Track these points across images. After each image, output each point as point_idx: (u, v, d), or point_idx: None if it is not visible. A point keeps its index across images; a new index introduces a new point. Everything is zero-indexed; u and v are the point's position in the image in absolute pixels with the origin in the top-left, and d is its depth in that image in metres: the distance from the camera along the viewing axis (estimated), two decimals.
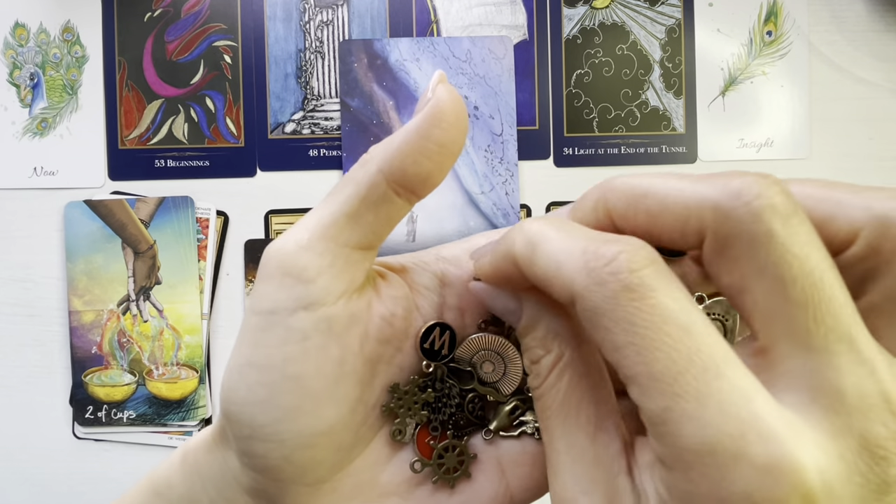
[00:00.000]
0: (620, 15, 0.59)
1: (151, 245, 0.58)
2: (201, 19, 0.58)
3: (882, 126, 0.59)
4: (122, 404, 0.57)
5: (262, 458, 0.22)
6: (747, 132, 0.59)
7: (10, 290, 0.58)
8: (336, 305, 0.21)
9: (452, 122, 0.21)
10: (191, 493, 0.24)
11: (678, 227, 0.17)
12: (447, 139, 0.21)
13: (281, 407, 0.21)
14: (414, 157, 0.21)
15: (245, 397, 0.21)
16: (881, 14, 0.59)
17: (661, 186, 0.17)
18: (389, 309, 0.23)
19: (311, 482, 0.22)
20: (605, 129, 0.59)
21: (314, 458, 0.22)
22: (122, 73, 0.58)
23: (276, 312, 0.21)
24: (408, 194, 0.21)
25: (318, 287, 0.21)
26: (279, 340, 0.21)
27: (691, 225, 0.16)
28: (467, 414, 0.25)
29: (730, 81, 0.59)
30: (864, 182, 0.61)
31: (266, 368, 0.21)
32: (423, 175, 0.21)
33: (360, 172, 0.21)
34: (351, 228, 0.21)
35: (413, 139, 0.21)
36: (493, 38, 0.58)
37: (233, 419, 0.22)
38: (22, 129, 0.58)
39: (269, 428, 0.21)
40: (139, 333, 0.58)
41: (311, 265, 0.21)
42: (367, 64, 0.58)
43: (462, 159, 0.58)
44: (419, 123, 0.21)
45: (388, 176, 0.21)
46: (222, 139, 0.58)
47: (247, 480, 0.23)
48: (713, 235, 0.16)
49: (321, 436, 0.22)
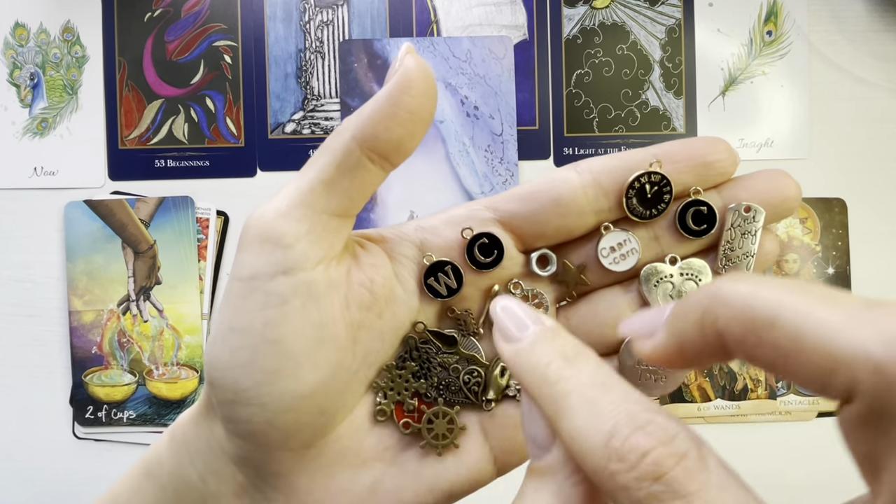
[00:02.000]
0: (620, 15, 0.59)
1: (151, 245, 0.58)
2: (201, 19, 0.58)
3: (882, 126, 0.59)
4: (122, 404, 0.57)
5: (246, 423, 0.22)
6: (747, 132, 0.59)
7: (10, 290, 0.58)
8: (315, 270, 0.22)
9: (422, 90, 0.21)
10: (179, 469, 0.24)
11: (818, 377, 0.13)
12: (417, 106, 0.21)
13: (262, 370, 0.21)
14: (385, 124, 0.21)
15: (228, 362, 0.22)
16: (881, 14, 0.59)
17: (798, 316, 0.13)
18: (369, 276, 0.23)
19: (295, 447, 0.23)
20: (605, 129, 0.59)
21: (297, 422, 0.22)
22: (122, 73, 0.58)
23: (256, 278, 0.21)
24: (381, 161, 0.22)
25: (296, 252, 0.21)
26: (259, 305, 0.21)
27: (839, 380, 0.13)
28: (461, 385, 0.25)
29: (730, 81, 0.59)
30: (863, 182, 0.61)
31: (247, 332, 0.21)
32: (395, 141, 0.22)
33: (336, 141, 0.22)
34: (328, 195, 0.22)
35: (384, 106, 0.21)
36: (493, 38, 0.58)
37: (216, 384, 0.22)
38: (22, 129, 0.58)
39: (251, 391, 0.21)
40: (139, 333, 0.58)
41: (289, 231, 0.22)
42: (367, 64, 0.58)
43: (462, 159, 0.58)
44: (390, 91, 0.21)
45: (362, 142, 0.22)
46: (222, 139, 0.58)
47: (232, 448, 0.23)
48: (865, 401, 0.13)
49: (303, 399, 0.22)
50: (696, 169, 0.24)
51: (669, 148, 0.24)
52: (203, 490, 0.24)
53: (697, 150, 0.24)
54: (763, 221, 0.23)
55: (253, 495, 0.24)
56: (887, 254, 0.58)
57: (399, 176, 0.57)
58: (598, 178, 0.24)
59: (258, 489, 0.23)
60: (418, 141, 0.22)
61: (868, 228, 0.58)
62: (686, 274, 0.24)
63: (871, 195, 0.58)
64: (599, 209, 0.24)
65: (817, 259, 0.58)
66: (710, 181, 0.24)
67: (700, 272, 0.24)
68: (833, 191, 0.58)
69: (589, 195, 0.24)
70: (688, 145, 0.24)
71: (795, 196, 0.23)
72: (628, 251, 0.24)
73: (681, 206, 0.24)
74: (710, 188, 0.24)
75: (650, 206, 0.24)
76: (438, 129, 0.58)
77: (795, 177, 0.24)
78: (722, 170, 0.24)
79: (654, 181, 0.23)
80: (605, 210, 0.24)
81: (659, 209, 0.24)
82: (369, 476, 0.24)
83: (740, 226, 0.23)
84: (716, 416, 0.56)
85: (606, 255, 0.24)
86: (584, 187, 0.24)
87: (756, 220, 0.23)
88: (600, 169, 0.24)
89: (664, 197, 0.24)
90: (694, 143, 0.24)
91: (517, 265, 0.25)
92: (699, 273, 0.24)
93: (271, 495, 0.23)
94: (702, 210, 0.24)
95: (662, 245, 0.25)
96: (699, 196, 0.24)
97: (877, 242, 0.58)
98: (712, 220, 0.24)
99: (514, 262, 0.25)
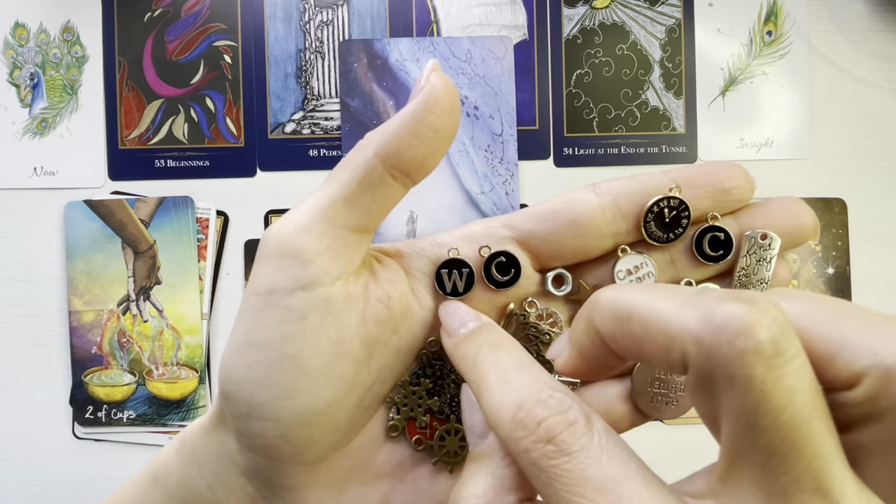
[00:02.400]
0: (620, 15, 0.59)
1: (151, 245, 0.58)
2: (201, 19, 0.58)
3: (882, 126, 0.59)
4: (122, 404, 0.57)
5: (260, 437, 0.22)
6: (747, 132, 0.59)
7: (10, 290, 0.58)
8: (334, 286, 0.22)
9: (447, 108, 0.21)
10: (188, 479, 0.24)
11: (663, 356, 0.16)
12: (441, 124, 0.21)
13: (278, 385, 0.21)
14: (410, 142, 0.21)
15: (243, 376, 0.22)
16: (881, 14, 0.59)
17: (644, 309, 0.16)
18: (386, 291, 0.23)
19: (307, 461, 0.23)
20: (605, 129, 0.59)
21: (311, 438, 0.22)
22: (122, 73, 0.58)
23: (275, 293, 0.21)
24: (403, 178, 0.22)
25: (315, 268, 0.21)
26: (277, 320, 0.21)
27: (674, 356, 0.16)
28: None
29: (730, 81, 0.59)
30: (863, 182, 0.61)
31: (264, 347, 0.21)
32: (419, 159, 0.21)
33: (358, 156, 0.22)
34: (349, 211, 0.22)
35: (409, 123, 0.21)
36: (493, 38, 0.58)
37: (231, 398, 0.22)
38: (22, 129, 0.58)
39: (266, 406, 0.21)
40: (139, 333, 0.58)
41: (309, 246, 0.21)
42: (367, 64, 0.58)
43: (462, 159, 0.58)
44: (415, 108, 0.21)
45: (385, 159, 0.21)
46: (222, 139, 0.58)
47: (244, 461, 0.23)
48: (694, 370, 0.15)
49: (317, 415, 0.22)
50: (714, 195, 0.24)
51: (688, 173, 0.24)
52: (211, 500, 0.24)
53: (716, 177, 0.24)
54: (778, 249, 0.23)
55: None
56: (887, 254, 0.58)
57: None
58: (617, 201, 0.24)
59: (268, 502, 0.23)
60: (440, 158, 0.22)
61: (868, 228, 0.58)
62: None
63: (871, 195, 0.58)
64: (617, 231, 0.24)
65: (817, 259, 0.58)
66: (728, 207, 0.24)
67: None
68: (833, 191, 0.58)
69: (607, 217, 0.24)
70: (706, 171, 0.24)
71: (811, 224, 0.24)
72: (645, 274, 0.24)
73: (698, 231, 0.24)
74: (727, 214, 0.24)
75: (668, 231, 0.24)
76: None
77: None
78: (739, 196, 0.24)
79: (673, 206, 0.24)
80: (622, 233, 0.24)
81: (676, 234, 0.24)
82: (380, 492, 0.24)
83: (756, 253, 0.24)
84: None
85: (623, 278, 0.24)
86: (602, 209, 0.24)
87: (772, 248, 0.23)
88: (619, 191, 0.24)
89: (682, 222, 0.24)
90: (712, 168, 0.24)
91: (533, 284, 0.25)
92: None
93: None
94: (719, 236, 0.24)
95: (678, 269, 0.25)
96: (716, 222, 0.24)
97: (877, 242, 0.58)
98: (728, 246, 0.24)
99: (530, 281, 0.25)
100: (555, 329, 0.25)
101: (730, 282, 0.25)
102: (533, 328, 0.25)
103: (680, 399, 0.24)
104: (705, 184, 0.24)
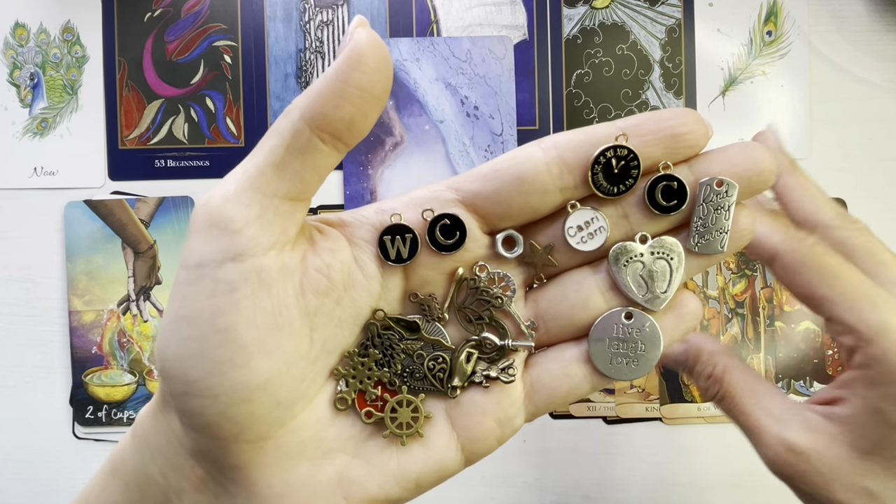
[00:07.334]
0: (620, 15, 0.59)
1: (151, 245, 0.58)
2: (201, 19, 0.58)
3: (882, 126, 0.59)
4: (122, 404, 0.57)
5: (199, 415, 0.21)
6: (747, 132, 0.59)
7: (10, 290, 0.58)
8: (266, 256, 0.21)
9: (373, 65, 0.20)
10: (141, 465, 0.24)
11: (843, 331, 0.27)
12: (367, 82, 0.20)
13: (212, 360, 0.21)
14: (335, 102, 0.20)
15: (177, 352, 0.21)
16: (881, 14, 0.59)
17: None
18: (325, 261, 0.22)
19: (251, 439, 0.22)
20: None
21: (252, 414, 0.21)
22: (122, 73, 0.58)
23: (204, 265, 0.21)
24: (334, 141, 0.21)
25: (245, 238, 0.21)
26: (208, 293, 0.21)
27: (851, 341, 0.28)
28: (426, 372, 0.24)
29: (730, 81, 0.59)
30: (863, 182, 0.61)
31: (196, 321, 0.21)
32: (346, 119, 0.21)
33: (284, 121, 0.21)
34: (279, 178, 0.21)
35: (332, 83, 0.20)
36: (493, 38, 0.58)
37: (167, 376, 0.21)
38: (22, 129, 0.58)
39: (202, 382, 0.21)
40: (139, 333, 0.58)
41: (237, 216, 0.21)
42: None
43: (462, 159, 0.58)
44: (338, 67, 0.20)
45: (311, 122, 0.21)
46: (222, 139, 0.58)
47: (189, 442, 0.22)
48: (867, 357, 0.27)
49: (257, 390, 0.21)
50: (664, 142, 0.23)
51: (636, 121, 0.23)
52: (164, 485, 0.23)
53: (666, 122, 0.23)
54: (736, 196, 0.22)
55: (214, 489, 0.23)
56: None
57: (398, 176, 0.57)
58: (563, 154, 0.23)
59: (218, 483, 0.23)
60: (372, 120, 0.21)
61: None
62: (657, 252, 0.23)
63: (871, 195, 0.58)
64: (565, 186, 0.23)
65: None
66: (680, 155, 0.23)
67: (671, 250, 0.23)
68: (833, 191, 0.58)
69: (553, 172, 0.23)
70: (655, 117, 0.23)
71: (770, 168, 0.22)
72: (596, 230, 0.23)
73: (650, 181, 0.23)
74: (681, 162, 0.23)
75: (617, 183, 0.23)
76: (438, 129, 0.58)
77: None
78: (692, 142, 0.22)
79: (621, 156, 0.22)
80: (570, 187, 0.23)
81: (626, 185, 0.23)
82: (332, 468, 0.23)
83: (712, 201, 0.22)
84: (716, 417, 0.56)
85: (573, 235, 0.23)
86: (548, 164, 0.22)
87: (729, 195, 0.22)
88: (565, 144, 0.23)
89: (632, 172, 0.23)
90: (661, 114, 0.23)
91: (482, 247, 0.24)
92: (671, 251, 0.23)
93: (231, 489, 0.23)
94: (672, 185, 0.23)
95: (632, 223, 0.24)
96: (669, 171, 0.23)
97: None
98: (683, 195, 0.23)
99: (479, 244, 0.24)
100: (507, 293, 0.24)
101: (687, 233, 0.23)
102: (484, 293, 0.24)
103: (639, 359, 0.24)
104: (655, 130, 0.22)
